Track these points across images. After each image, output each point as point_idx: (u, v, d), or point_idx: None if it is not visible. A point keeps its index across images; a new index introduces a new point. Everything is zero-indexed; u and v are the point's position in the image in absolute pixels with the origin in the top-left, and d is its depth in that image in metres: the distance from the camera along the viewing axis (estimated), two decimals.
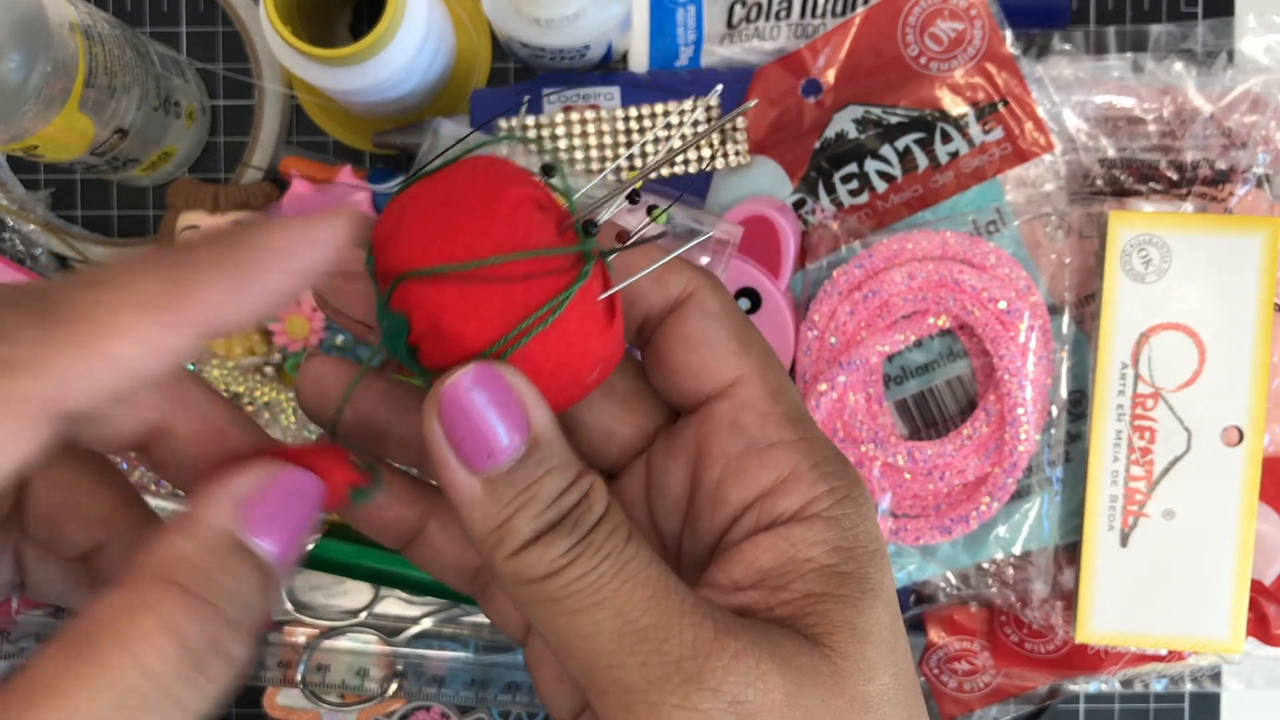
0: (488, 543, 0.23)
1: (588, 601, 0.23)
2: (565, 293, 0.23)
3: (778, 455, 0.26)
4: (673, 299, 0.27)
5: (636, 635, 0.23)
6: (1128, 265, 0.51)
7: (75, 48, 0.46)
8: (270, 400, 0.55)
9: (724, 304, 0.27)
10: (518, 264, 0.22)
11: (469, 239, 0.22)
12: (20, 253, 0.57)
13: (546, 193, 0.24)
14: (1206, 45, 0.54)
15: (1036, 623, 0.55)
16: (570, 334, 0.23)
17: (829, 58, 0.54)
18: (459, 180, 0.23)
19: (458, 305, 0.22)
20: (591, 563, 0.23)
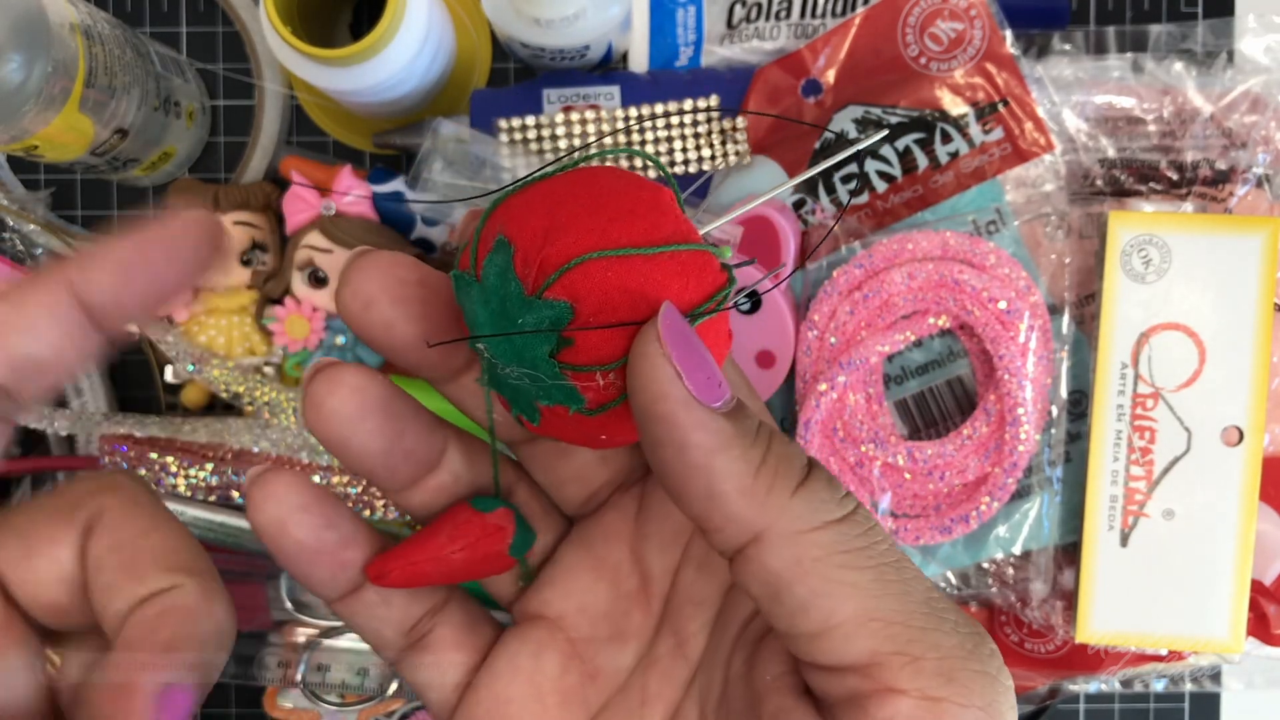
0: (758, 485, 0.21)
1: (891, 555, 0.21)
2: (729, 285, 0.23)
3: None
4: None
5: (942, 599, 0.21)
6: (1128, 265, 0.51)
7: (75, 48, 0.46)
8: (270, 400, 0.55)
9: None
10: (692, 255, 0.22)
11: (648, 224, 0.22)
12: (20, 253, 0.57)
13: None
14: (1206, 45, 0.54)
15: (1036, 623, 0.55)
16: (720, 332, 0.23)
17: (829, 58, 0.54)
18: (602, 177, 0.23)
19: (639, 289, 0.21)
20: (868, 518, 0.22)
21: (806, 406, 0.53)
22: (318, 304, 0.55)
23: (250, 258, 0.56)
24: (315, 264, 0.55)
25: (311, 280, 0.55)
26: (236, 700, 0.60)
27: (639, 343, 0.21)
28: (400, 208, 0.55)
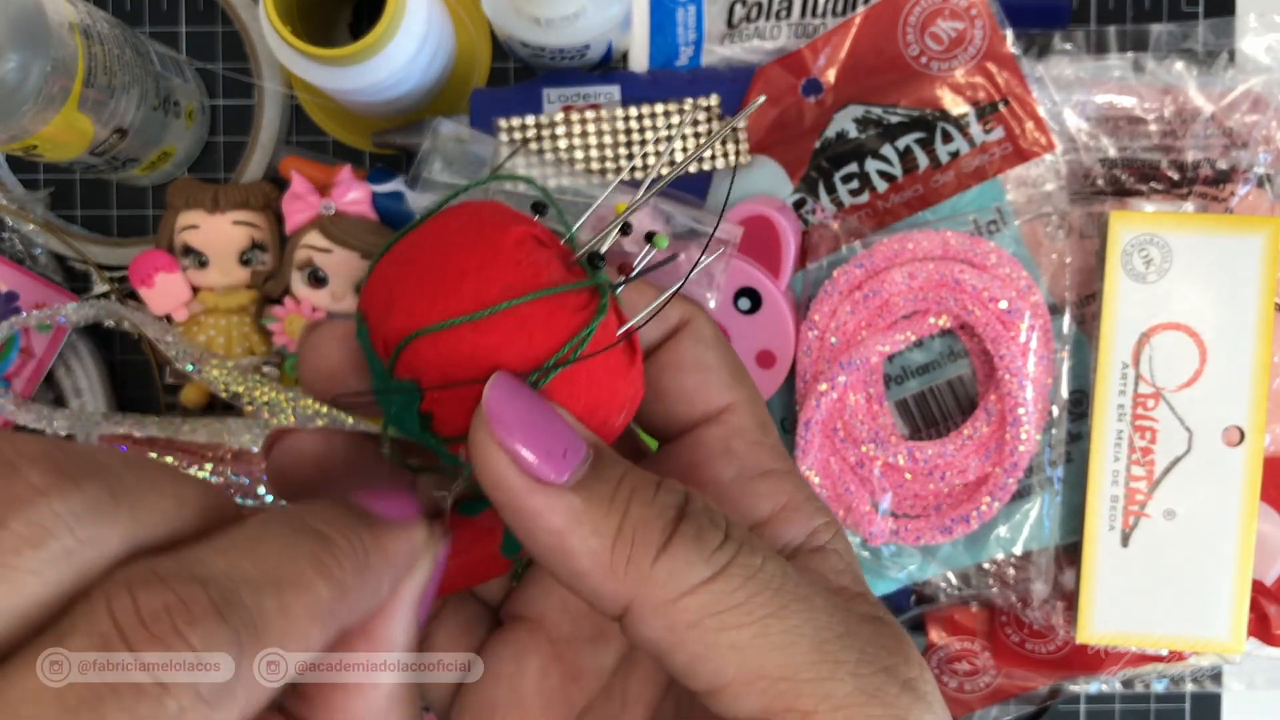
0: (615, 560, 0.20)
1: (771, 606, 0.20)
2: (589, 327, 0.21)
3: (773, 484, 0.25)
4: (670, 328, 0.26)
5: (836, 642, 0.20)
6: (1128, 265, 0.51)
7: (75, 47, 0.46)
8: (270, 400, 0.55)
9: (716, 334, 0.27)
10: (532, 305, 0.21)
11: (475, 286, 0.20)
12: (20, 253, 0.57)
13: (543, 228, 0.22)
14: (1207, 45, 0.54)
15: (1037, 623, 0.55)
16: (595, 374, 0.22)
17: (829, 57, 0.54)
18: (450, 229, 0.21)
19: (473, 357, 0.20)
20: (756, 558, 0.21)
21: (807, 406, 0.53)
22: (317, 304, 0.55)
23: (250, 258, 0.56)
24: (315, 264, 0.55)
25: (311, 280, 0.55)
26: None
27: (472, 428, 0.20)
28: (400, 207, 0.55)
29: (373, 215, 0.55)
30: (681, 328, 0.27)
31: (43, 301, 0.56)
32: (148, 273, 0.55)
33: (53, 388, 0.58)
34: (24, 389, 0.56)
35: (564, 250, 0.22)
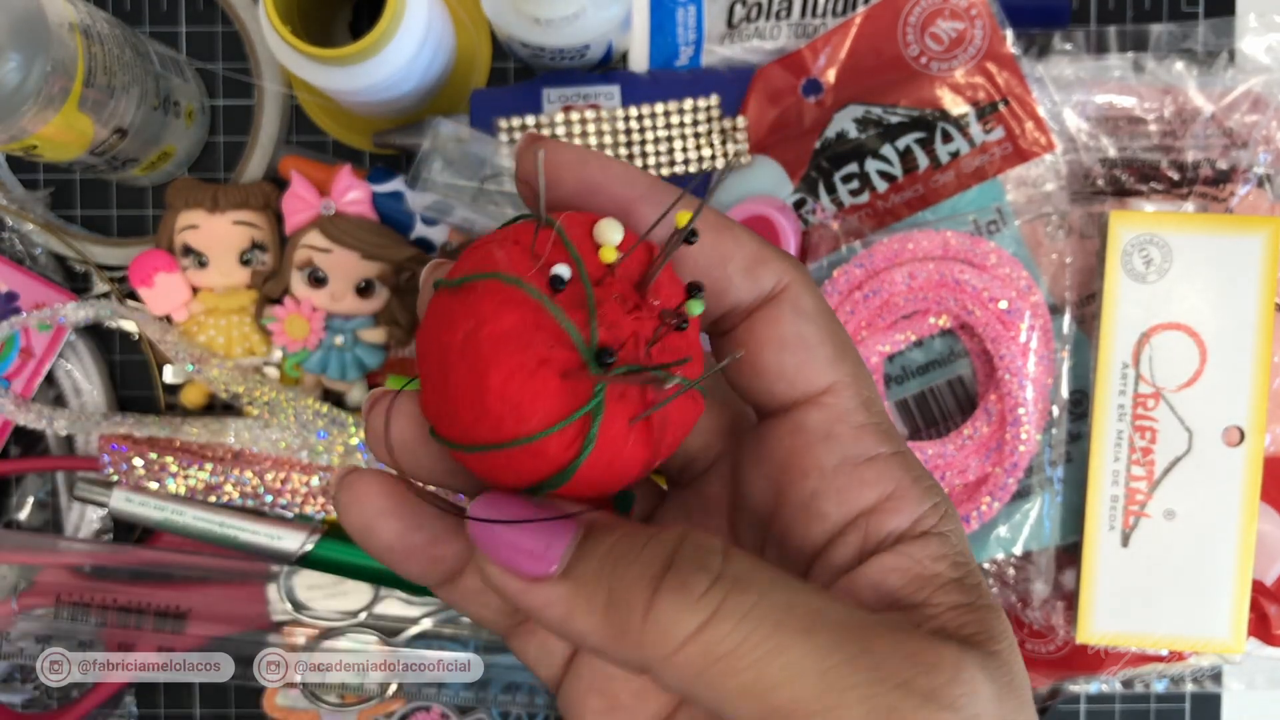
0: (612, 630, 0.21)
1: (769, 644, 0.20)
2: (565, 470, 0.22)
3: (879, 470, 0.24)
4: (764, 293, 0.25)
5: (845, 666, 0.20)
6: (1128, 265, 0.51)
7: (74, 47, 0.46)
8: (270, 400, 0.55)
9: (818, 303, 0.25)
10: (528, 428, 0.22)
11: (468, 424, 0.22)
12: (20, 252, 0.57)
13: (545, 317, 0.22)
14: (1207, 45, 0.54)
15: (1037, 623, 0.55)
16: (604, 462, 0.22)
17: (829, 57, 0.54)
18: (452, 345, 0.22)
19: (483, 470, 0.23)
20: (749, 596, 0.20)
21: None
22: (317, 304, 0.55)
23: (250, 258, 0.56)
24: (314, 264, 0.55)
25: (311, 280, 0.55)
26: (236, 700, 0.60)
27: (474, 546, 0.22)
28: (400, 207, 0.55)
29: (373, 215, 0.55)
30: (779, 294, 0.25)
31: (43, 301, 0.56)
32: (148, 273, 0.55)
33: (53, 387, 0.58)
34: (24, 389, 0.56)
35: (571, 357, 0.22)
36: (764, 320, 0.25)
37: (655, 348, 0.23)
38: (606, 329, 0.22)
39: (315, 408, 0.55)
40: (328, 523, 0.55)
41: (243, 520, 0.54)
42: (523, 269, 0.22)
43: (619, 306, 0.22)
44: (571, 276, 0.22)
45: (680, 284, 0.24)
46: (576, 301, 0.22)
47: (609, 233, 0.22)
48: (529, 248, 0.22)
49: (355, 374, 0.56)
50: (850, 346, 0.25)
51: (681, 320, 0.23)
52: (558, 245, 0.22)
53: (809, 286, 0.25)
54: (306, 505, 0.55)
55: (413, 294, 0.55)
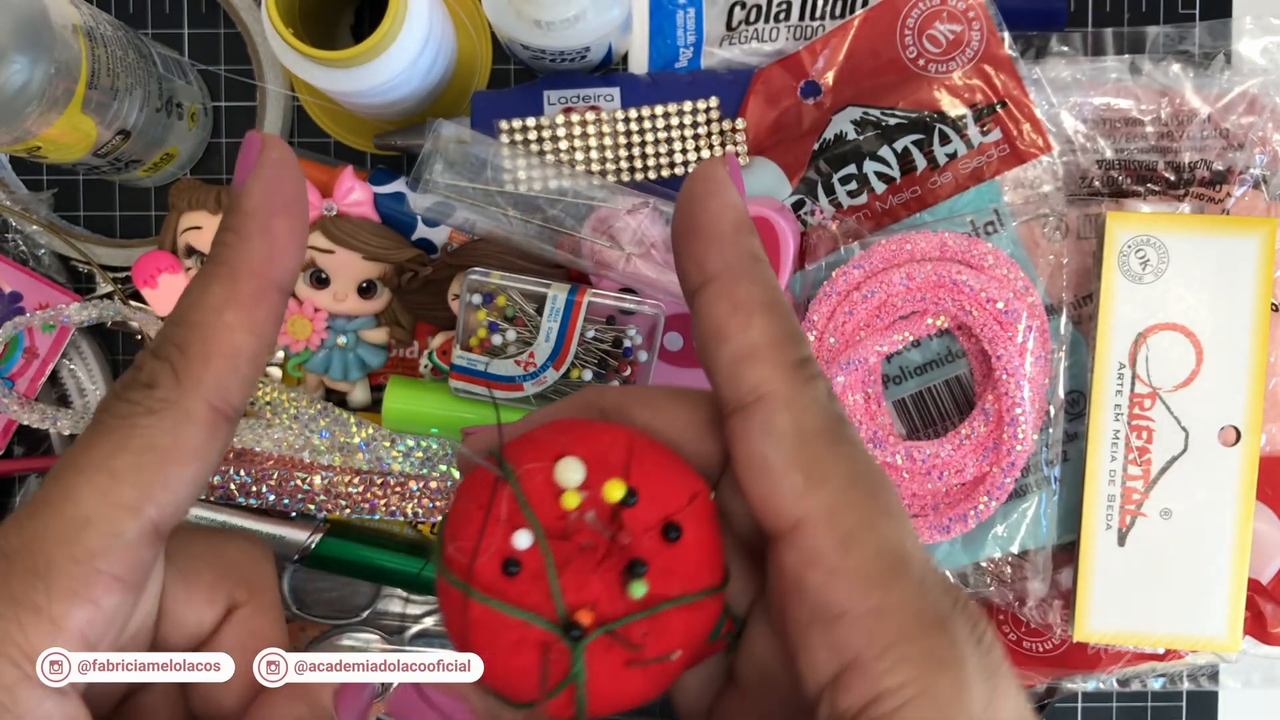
0: None
1: None
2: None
3: (843, 633, 0.21)
4: (740, 400, 0.23)
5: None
6: (1125, 266, 0.52)
7: (78, 49, 0.46)
8: (273, 400, 0.55)
9: (797, 419, 0.22)
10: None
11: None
12: (23, 254, 0.57)
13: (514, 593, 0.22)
14: (1204, 47, 0.54)
15: (1034, 621, 0.55)
16: (606, 704, 0.23)
17: (828, 59, 0.54)
18: (451, 627, 0.23)
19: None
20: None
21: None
22: (319, 304, 0.56)
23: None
24: (317, 264, 0.55)
25: (313, 281, 0.56)
26: None
27: None
28: (401, 208, 0.56)
29: (374, 216, 0.56)
30: (751, 405, 0.22)
31: (46, 302, 0.57)
32: (151, 273, 0.55)
33: (56, 387, 0.58)
34: (28, 389, 0.57)
35: (547, 638, 0.22)
36: (733, 433, 0.23)
37: (656, 566, 0.22)
38: (575, 592, 0.22)
39: (317, 408, 0.55)
40: (329, 521, 0.56)
41: (245, 519, 0.54)
42: (483, 542, 0.22)
43: (588, 559, 0.22)
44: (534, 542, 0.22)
45: (677, 473, 0.23)
46: (542, 567, 0.22)
47: (567, 475, 0.22)
48: (486, 509, 0.22)
49: (357, 374, 0.57)
50: (838, 470, 0.22)
51: (643, 570, 0.22)
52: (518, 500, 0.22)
53: (790, 399, 0.22)
54: (309, 504, 0.55)
55: (414, 294, 0.56)
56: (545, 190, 0.53)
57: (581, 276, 0.55)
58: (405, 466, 0.55)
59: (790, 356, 0.23)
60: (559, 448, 0.23)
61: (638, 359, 0.52)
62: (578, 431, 0.23)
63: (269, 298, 0.24)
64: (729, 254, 0.23)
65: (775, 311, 0.23)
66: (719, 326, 0.23)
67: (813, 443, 0.22)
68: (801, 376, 0.23)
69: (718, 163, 0.24)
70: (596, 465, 0.22)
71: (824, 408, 0.23)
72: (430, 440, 0.55)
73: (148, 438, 0.22)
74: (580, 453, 0.22)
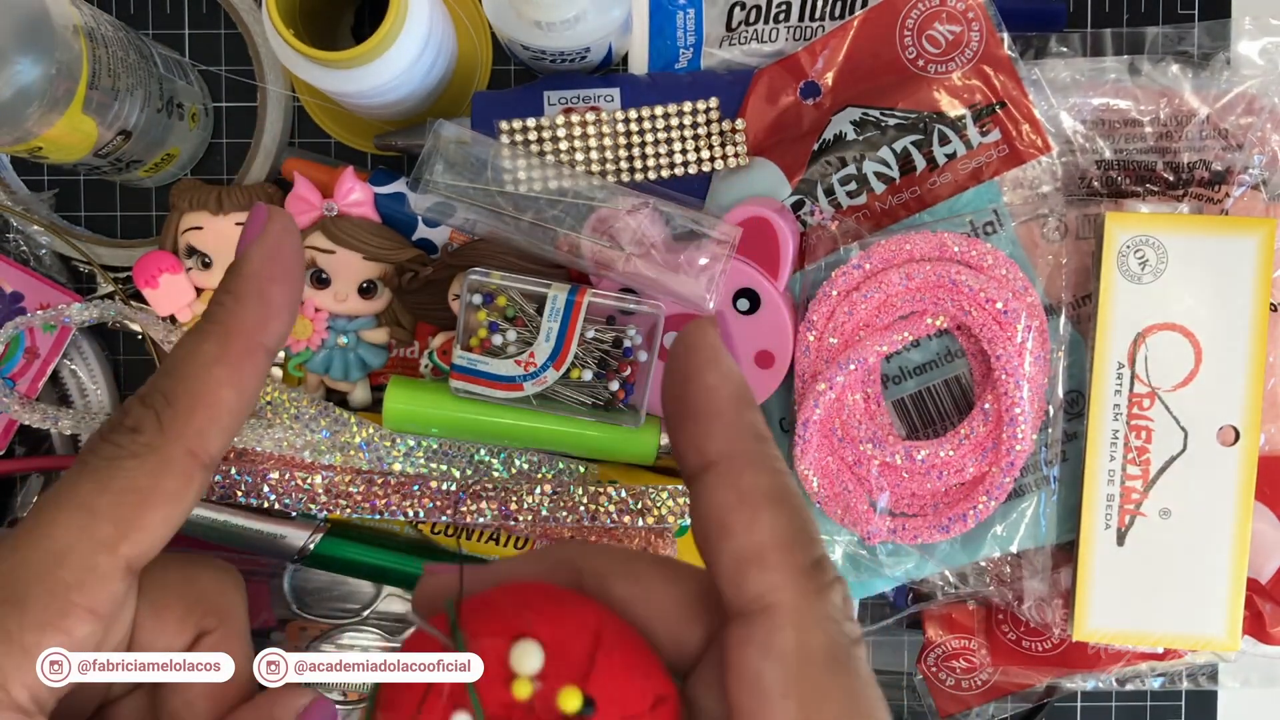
0: None
1: None
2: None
3: None
4: (744, 607, 0.21)
5: None
6: (1124, 266, 0.52)
7: (79, 50, 0.46)
8: (273, 400, 0.55)
9: (805, 641, 0.21)
10: None
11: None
12: (24, 254, 0.58)
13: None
14: (1203, 47, 0.54)
15: (1033, 621, 0.55)
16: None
17: (827, 60, 0.54)
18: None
19: None
20: None
21: (805, 406, 0.53)
22: (320, 304, 0.56)
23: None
24: (318, 265, 0.55)
25: (314, 281, 0.56)
26: None
27: None
28: (402, 208, 0.56)
29: (375, 216, 0.56)
30: (755, 616, 0.21)
31: (47, 302, 0.57)
32: (152, 274, 0.55)
33: (57, 387, 0.59)
34: (29, 389, 0.57)
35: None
36: (730, 641, 0.21)
37: None
38: None
39: (318, 408, 0.55)
40: (330, 521, 0.56)
41: (246, 519, 0.54)
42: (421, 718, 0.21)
43: None
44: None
45: (643, 674, 0.21)
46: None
47: (523, 662, 0.21)
48: (428, 684, 0.21)
49: (358, 374, 0.57)
50: (836, 704, 0.21)
51: None
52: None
53: (800, 615, 0.21)
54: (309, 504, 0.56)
55: (414, 294, 0.56)
56: (545, 191, 0.53)
57: (581, 276, 0.55)
58: (406, 466, 0.55)
59: (801, 561, 0.21)
60: (520, 624, 0.21)
61: (638, 359, 0.52)
62: (543, 607, 0.22)
63: (257, 358, 0.26)
64: (731, 436, 0.22)
65: (785, 505, 0.22)
66: (722, 520, 0.22)
67: (816, 671, 0.21)
68: (813, 587, 0.21)
69: (707, 326, 0.23)
70: (556, 654, 0.21)
71: (833, 627, 0.21)
72: (430, 440, 0.55)
73: (129, 480, 0.24)
74: (542, 635, 0.21)
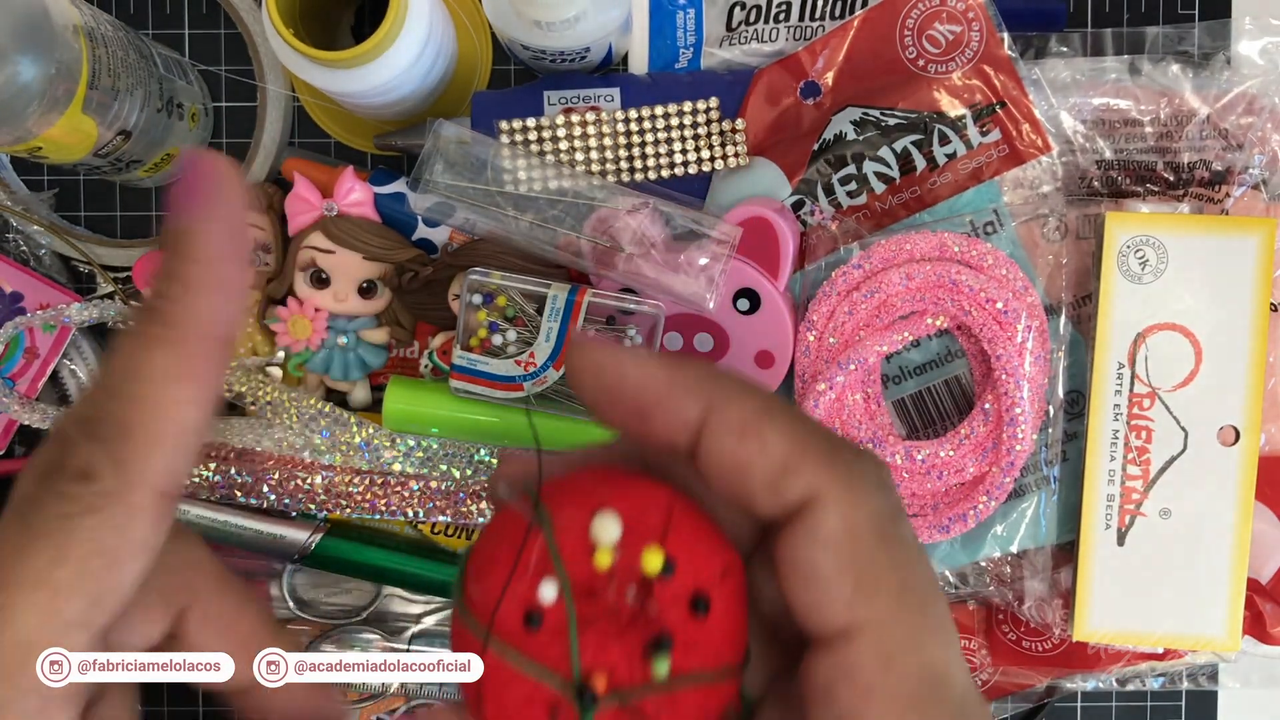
0: None
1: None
2: None
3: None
4: (789, 508, 0.21)
5: None
6: (1124, 266, 0.52)
7: (79, 50, 0.46)
8: (273, 400, 0.55)
9: (848, 522, 0.21)
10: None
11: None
12: (24, 254, 0.58)
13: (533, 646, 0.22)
14: (1203, 47, 0.54)
15: (1034, 621, 0.55)
16: None
17: (828, 60, 0.54)
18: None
19: None
20: None
21: (805, 406, 0.53)
22: (320, 304, 0.56)
23: (253, 259, 0.56)
24: (317, 265, 0.55)
25: (314, 281, 0.56)
26: None
27: None
28: (401, 208, 0.56)
29: (375, 216, 0.56)
30: (800, 512, 0.21)
31: (47, 302, 0.57)
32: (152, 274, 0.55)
33: (57, 388, 0.58)
34: (28, 389, 0.57)
35: (556, 699, 0.22)
36: (782, 543, 0.21)
37: (678, 639, 0.22)
38: (592, 655, 0.21)
39: (318, 407, 0.55)
40: (330, 521, 0.56)
41: (246, 519, 0.54)
42: (509, 589, 0.22)
43: (612, 622, 0.22)
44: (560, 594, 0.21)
45: (713, 544, 0.22)
46: (564, 623, 0.21)
47: (603, 532, 0.21)
48: (516, 554, 0.22)
49: (358, 374, 0.57)
50: (890, 579, 0.21)
51: (667, 644, 0.21)
52: (548, 546, 0.22)
53: (842, 502, 0.21)
54: (309, 504, 0.55)
55: (414, 294, 0.56)
56: (545, 190, 0.53)
57: (581, 276, 0.55)
58: (405, 466, 0.55)
59: (824, 450, 0.21)
60: (598, 499, 0.22)
61: None
62: (619, 484, 0.22)
63: (219, 358, 0.22)
64: (693, 398, 0.22)
65: (779, 413, 0.21)
66: (737, 461, 0.21)
67: (865, 546, 0.21)
68: (844, 470, 0.21)
69: (586, 346, 0.22)
70: (634, 524, 0.22)
71: (876, 501, 0.21)
72: (430, 440, 0.55)
73: (92, 541, 0.20)
74: (620, 508, 0.22)
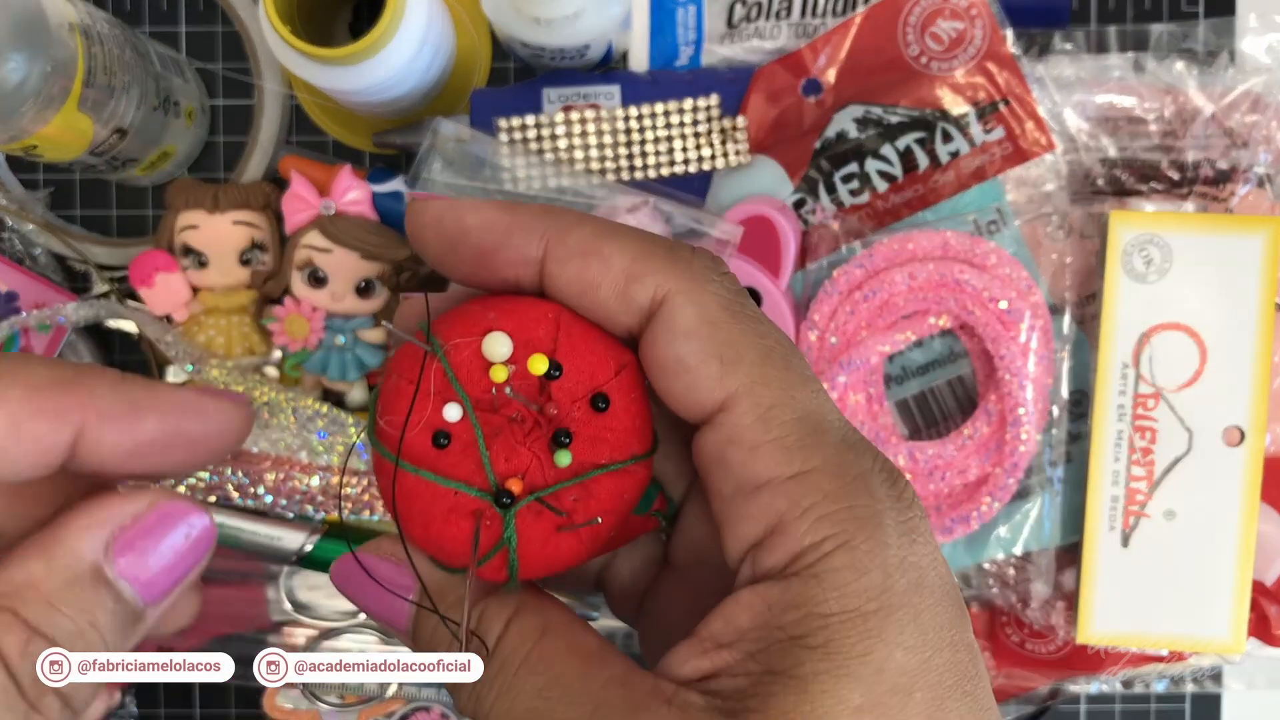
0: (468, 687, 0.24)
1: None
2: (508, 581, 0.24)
3: (768, 499, 0.22)
4: (643, 312, 0.23)
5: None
6: (1129, 265, 0.51)
7: (74, 47, 0.46)
8: (270, 400, 0.55)
9: (700, 310, 0.23)
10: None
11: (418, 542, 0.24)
12: (19, 252, 0.57)
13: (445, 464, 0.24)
14: (1208, 45, 0.54)
15: (1037, 623, 0.55)
16: (540, 566, 0.24)
17: (829, 57, 0.54)
18: (384, 492, 0.24)
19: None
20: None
21: None
22: (317, 303, 0.55)
23: (250, 258, 0.56)
24: (314, 264, 0.55)
25: (311, 280, 0.55)
26: (236, 701, 0.60)
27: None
28: (400, 207, 0.55)
29: (373, 215, 0.55)
30: (654, 313, 0.23)
31: (42, 301, 0.56)
32: (148, 273, 0.55)
33: None
34: None
35: (479, 504, 0.23)
36: (646, 344, 0.23)
37: (583, 435, 0.23)
38: (504, 462, 0.23)
39: (315, 408, 0.55)
40: (328, 522, 0.55)
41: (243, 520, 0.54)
42: (413, 414, 0.23)
43: (516, 430, 0.23)
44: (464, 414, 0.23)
45: (604, 346, 0.24)
46: (472, 439, 0.23)
47: (494, 349, 0.23)
48: (415, 383, 0.23)
49: (355, 374, 0.56)
50: (747, 348, 0.23)
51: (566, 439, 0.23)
52: (449, 371, 0.23)
53: (689, 294, 0.23)
54: (306, 505, 0.55)
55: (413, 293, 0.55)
56: (544, 189, 0.53)
57: None
58: None
59: (661, 252, 0.23)
60: (486, 323, 0.23)
61: None
62: (505, 307, 0.24)
63: None
64: (531, 241, 0.24)
65: (615, 231, 0.23)
66: (583, 283, 0.23)
67: (721, 326, 0.23)
68: (684, 263, 0.23)
69: (424, 203, 0.24)
70: (523, 340, 0.23)
71: (720, 285, 0.23)
72: None
73: None
74: (507, 328, 0.23)
